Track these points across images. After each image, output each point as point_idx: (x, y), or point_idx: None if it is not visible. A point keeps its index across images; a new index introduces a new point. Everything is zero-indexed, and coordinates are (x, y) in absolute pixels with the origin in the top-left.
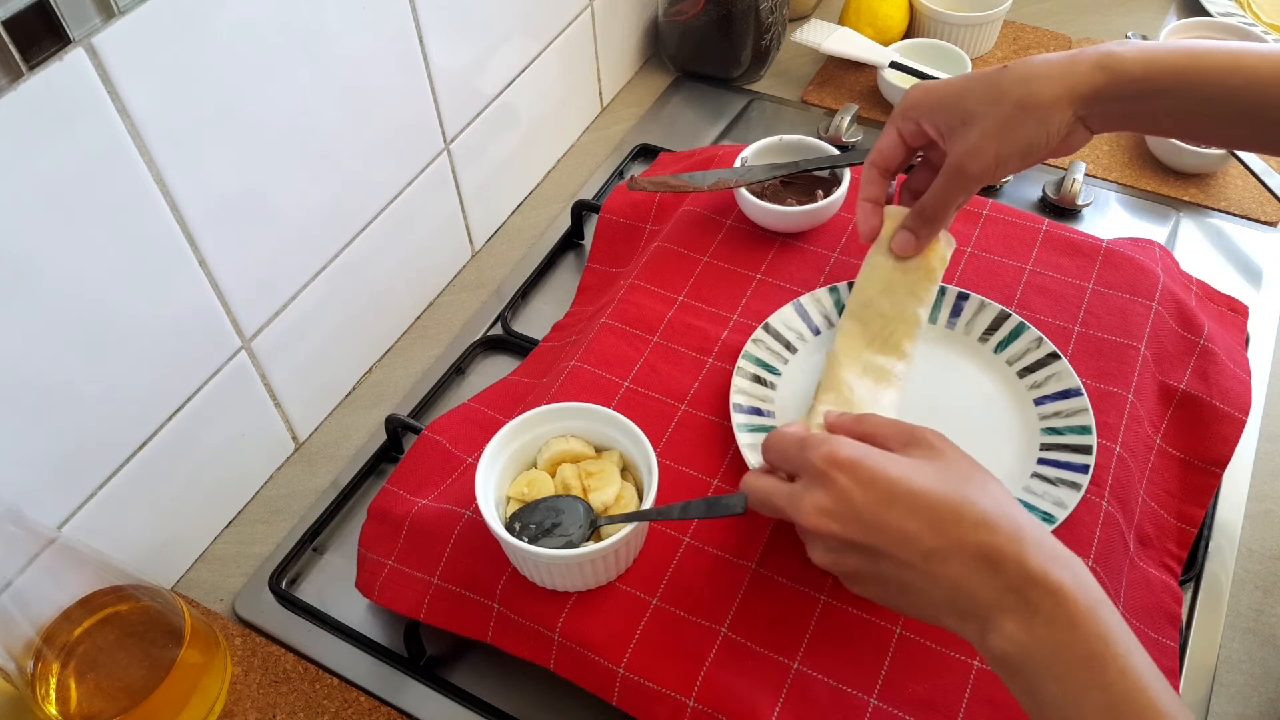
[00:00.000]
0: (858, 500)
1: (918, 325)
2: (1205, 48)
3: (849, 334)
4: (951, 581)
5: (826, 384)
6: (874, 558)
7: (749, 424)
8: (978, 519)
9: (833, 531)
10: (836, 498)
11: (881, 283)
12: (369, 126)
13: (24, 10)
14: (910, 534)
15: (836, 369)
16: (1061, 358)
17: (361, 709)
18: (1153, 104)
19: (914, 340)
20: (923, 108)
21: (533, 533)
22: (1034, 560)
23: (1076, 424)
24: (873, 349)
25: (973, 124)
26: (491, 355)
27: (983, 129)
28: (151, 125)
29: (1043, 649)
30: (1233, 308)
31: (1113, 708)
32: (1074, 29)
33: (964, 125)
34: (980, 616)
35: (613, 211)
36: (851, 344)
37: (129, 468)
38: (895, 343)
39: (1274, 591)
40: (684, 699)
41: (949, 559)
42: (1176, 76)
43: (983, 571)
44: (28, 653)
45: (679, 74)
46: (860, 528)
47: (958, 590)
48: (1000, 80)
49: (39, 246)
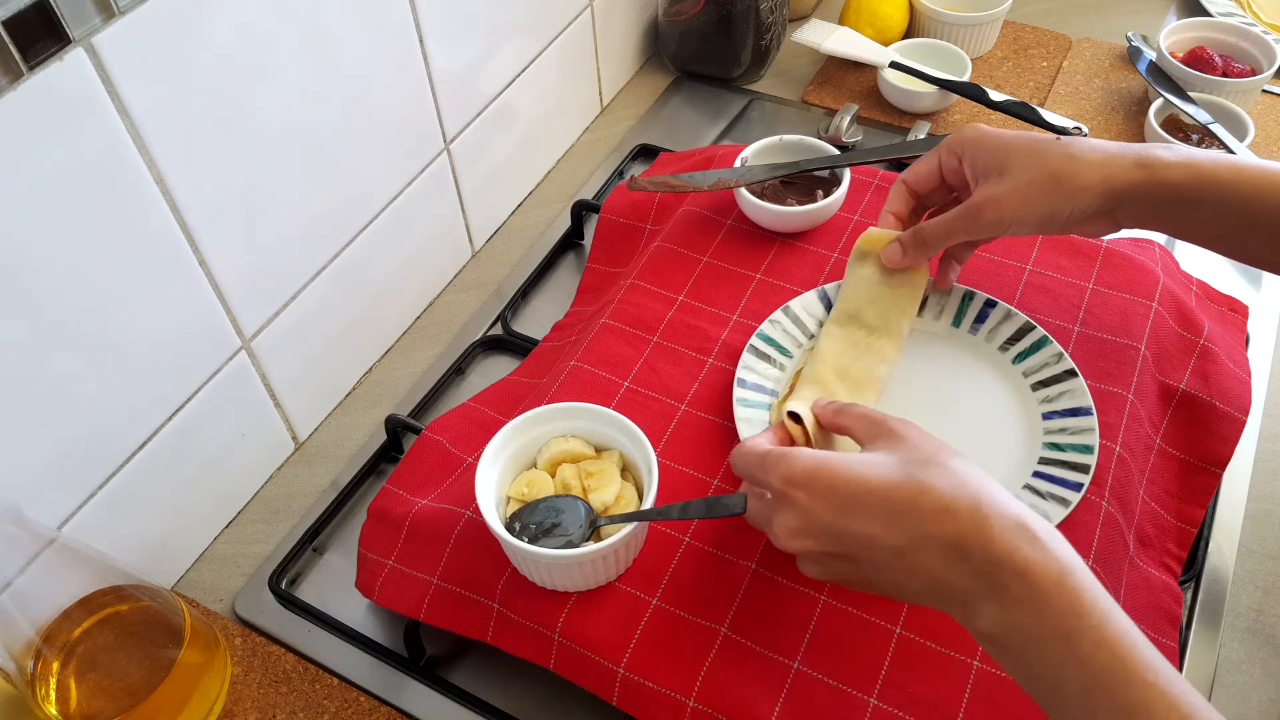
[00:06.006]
0: (820, 513)
1: (902, 337)
2: (1251, 164)
3: (833, 337)
4: (927, 573)
5: (809, 375)
6: (853, 563)
7: (748, 399)
8: (938, 507)
9: (807, 548)
10: (800, 515)
11: (867, 295)
12: (369, 126)
13: (24, 10)
14: (875, 536)
15: (819, 364)
16: (1079, 375)
17: (361, 709)
18: (1188, 211)
19: (899, 349)
20: (969, 145)
21: (533, 533)
22: (998, 542)
23: (1080, 442)
24: (856, 351)
25: (1006, 176)
26: (491, 355)
27: (1013, 184)
28: (151, 125)
29: (1020, 629)
30: (1233, 308)
31: (1092, 681)
32: (1074, 29)
33: (998, 175)
34: (960, 602)
35: (613, 211)
36: (835, 345)
37: (129, 468)
38: (879, 349)
39: (1274, 591)
40: (684, 699)
41: (919, 553)
42: (1218, 188)
43: (952, 561)
44: (28, 653)
45: (679, 74)
46: (830, 538)
47: (934, 580)
48: (1047, 147)
49: (39, 246)
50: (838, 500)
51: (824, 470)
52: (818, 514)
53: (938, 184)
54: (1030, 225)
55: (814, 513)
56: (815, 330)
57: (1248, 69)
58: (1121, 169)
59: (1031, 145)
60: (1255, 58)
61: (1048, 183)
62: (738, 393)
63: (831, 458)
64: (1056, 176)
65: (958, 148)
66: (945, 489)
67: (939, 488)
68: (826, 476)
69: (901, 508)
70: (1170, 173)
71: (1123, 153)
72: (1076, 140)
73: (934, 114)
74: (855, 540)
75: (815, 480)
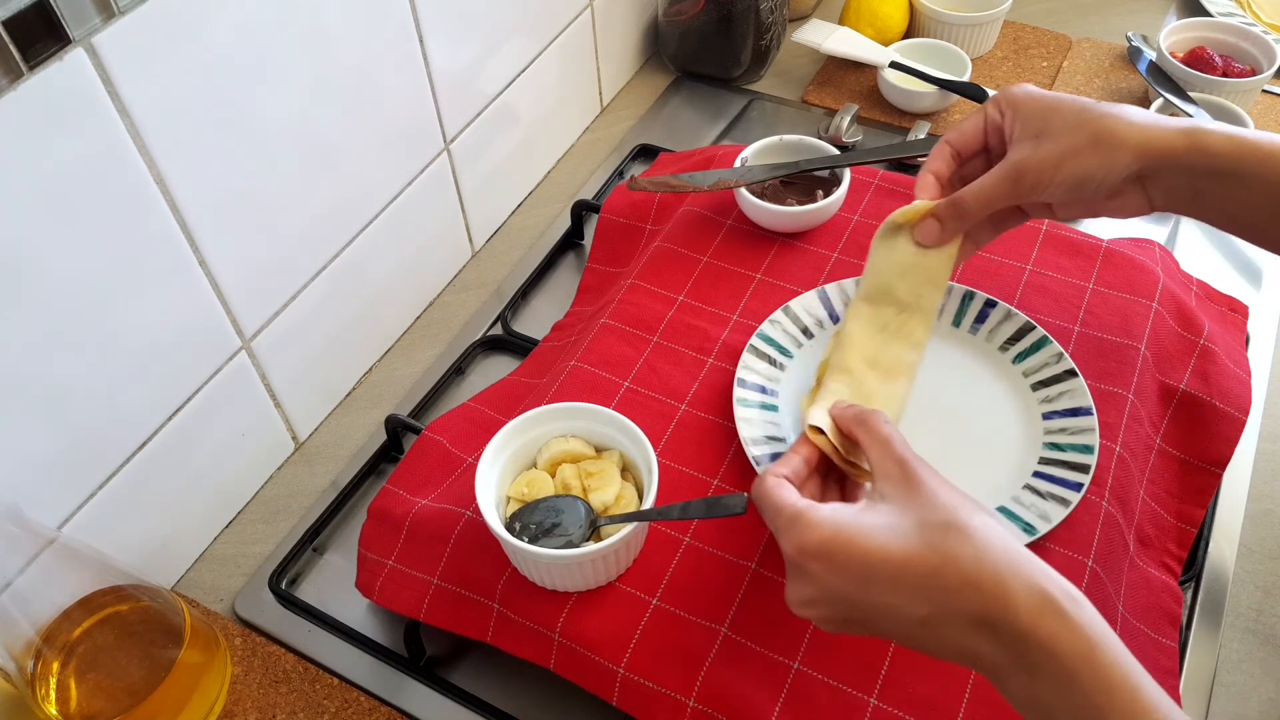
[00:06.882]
0: (836, 585)
1: (934, 315)
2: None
3: (861, 317)
4: (953, 643)
5: (836, 364)
6: (873, 626)
7: (748, 399)
8: (961, 581)
9: (824, 615)
10: (816, 587)
11: (899, 267)
12: (369, 126)
13: (24, 10)
14: (896, 606)
15: (848, 351)
16: (1079, 375)
17: (361, 709)
18: (1228, 187)
19: (929, 330)
20: (1014, 102)
21: (533, 533)
22: (1024, 617)
23: (1080, 442)
24: (885, 335)
25: (1045, 138)
26: (491, 355)
27: (1053, 146)
28: (151, 125)
29: (1049, 701)
30: (1233, 308)
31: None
32: (1074, 29)
33: (1037, 137)
34: (990, 670)
35: (613, 211)
36: (863, 327)
37: (129, 468)
38: (909, 331)
39: (1274, 591)
40: (684, 699)
41: (944, 624)
42: (1260, 161)
43: (979, 633)
44: (28, 653)
45: (679, 74)
46: (848, 606)
47: (961, 649)
48: (1090, 109)
49: (39, 246)
50: (855, 573)
51: (840, 540)
52: (834, 586)
53: (981, 145)
54: (1067, 186)
55: (830, 585)
56: (816, 331)
57: (1248, 69)
58: (1163, 133)
59: (1076, 106)
60: (1255, 58)
61: (1087, 143)
62: (738, 393)
63: (846, 525)
64: (1096, 137)
65: (1004, 103)
66: (968, 561)
67: (961, 559)
68: (843, 547)
69: (923, 580)
70: (1211, 140)
71: (1167, 121)
72: (1123, 105)
73: (934, 114)
74: (874, 610)
75: (831, 552)
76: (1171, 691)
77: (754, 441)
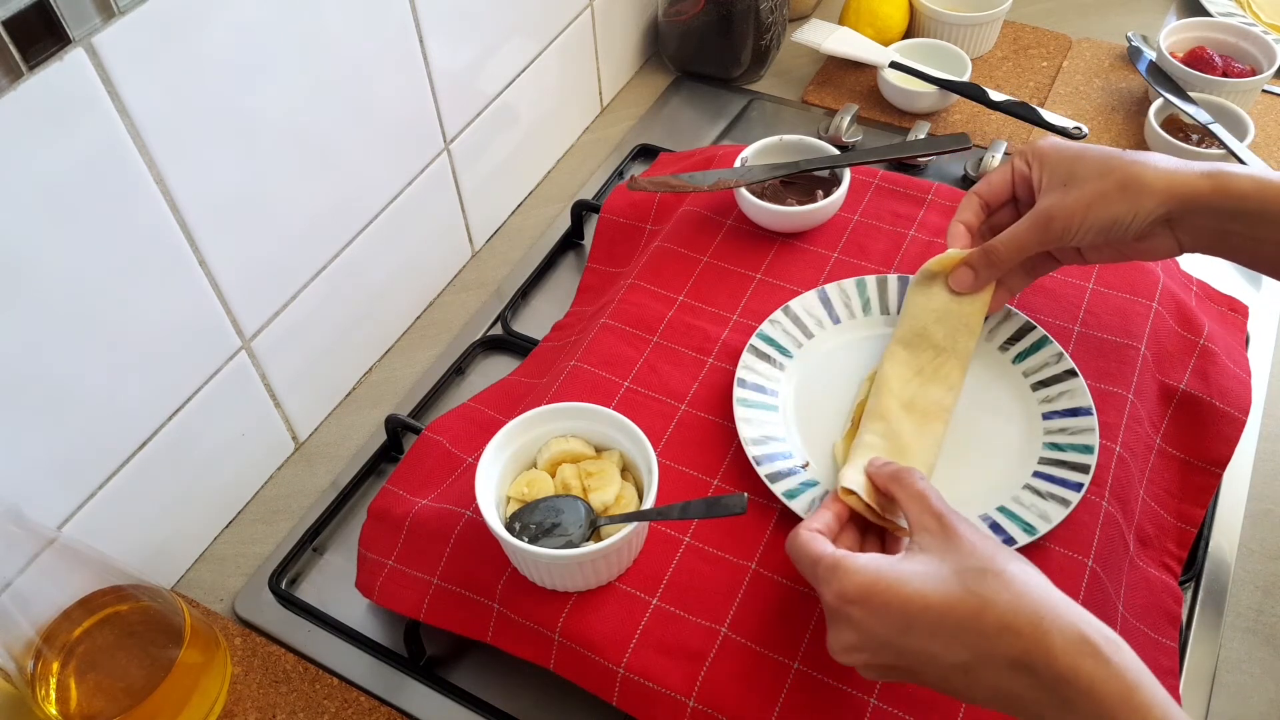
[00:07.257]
0: (878, 632)
1: (969, 358)
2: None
3: (898, 360)
4: (993, 687)
5: (874, 410)
6: (913, 673)
7: (748, 399)
8: (999, 625)
9: (865, 662)
10: (858, 633)
11: (935, 313)
12: (369, 126)
13: (24, 10)
14: (937, 653)
15: (885, 396)
16: (1079, 375)
17: (361, 709)
18: (1253, 227)
19: (964, 373)
20: (1041, 154)
21: (533, 533)
22: (1062, 660)
23: (1080, 442)
24: (921, 378)
25: (1074, 186)
26: (491, 355)
27: (1081, 193)
28: (151, 125)
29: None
30: (1233, 308)
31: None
32: (1074, 29)
33: (1065, 186)
34: (1028, 713)
35: (613, 211)
36: (900, 371)
37: (129, 468)
38: (945, 374)
39: (1274, 591)
40: (684, 699)
41: (982, 669)
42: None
43: (1019, 676)
44: (28, 653)
45: (679, 74)
46: (889, 653)
47: (1001, 693)
48: (1117, 157)
49: (39, 246)
50: (895, 619)
51: (880, 586)
52: (876, 631)
53: (1009, 195)
54: (1096, 231)
55: (871, 631)
56: (816, 331)
57: (1248, 69)
58: (1188, 177)
59: (1102, 154)
60: (1255, 58)
61: (1114, 190)
62: (738, 393)
63: (886, 571)
64: (1123, 182)
65: (1031, 155)
66: (1005, 605)
67: (999, 604)
68: (883, 593)
69: (962, 626)
70: (1236, 182)
71: (1191, 165)
72: (1147, 153)
73: (934, 114)
74: (915, 657)
75: (871, 598)
76: (1172, 691)
77: (754, 441)
